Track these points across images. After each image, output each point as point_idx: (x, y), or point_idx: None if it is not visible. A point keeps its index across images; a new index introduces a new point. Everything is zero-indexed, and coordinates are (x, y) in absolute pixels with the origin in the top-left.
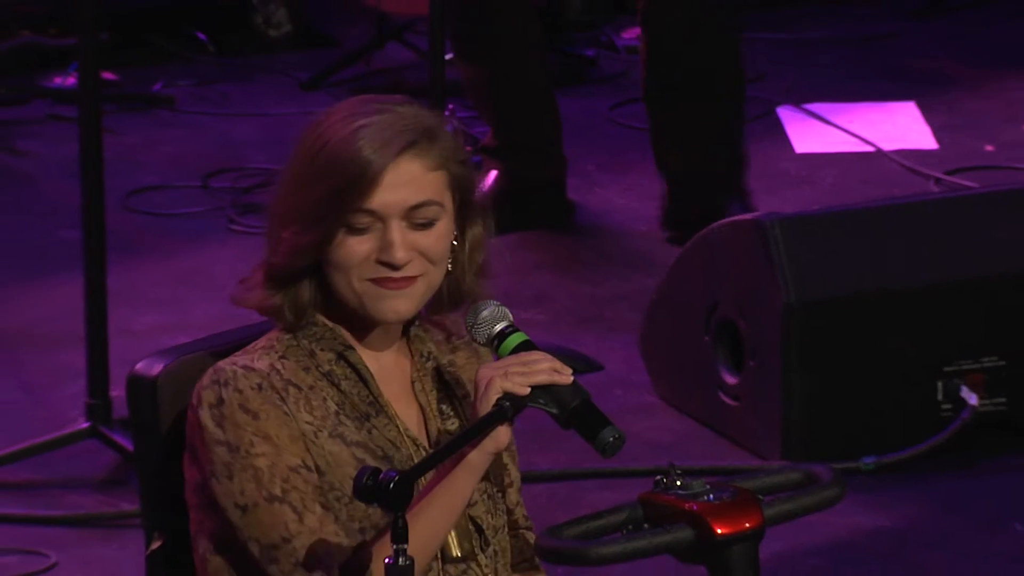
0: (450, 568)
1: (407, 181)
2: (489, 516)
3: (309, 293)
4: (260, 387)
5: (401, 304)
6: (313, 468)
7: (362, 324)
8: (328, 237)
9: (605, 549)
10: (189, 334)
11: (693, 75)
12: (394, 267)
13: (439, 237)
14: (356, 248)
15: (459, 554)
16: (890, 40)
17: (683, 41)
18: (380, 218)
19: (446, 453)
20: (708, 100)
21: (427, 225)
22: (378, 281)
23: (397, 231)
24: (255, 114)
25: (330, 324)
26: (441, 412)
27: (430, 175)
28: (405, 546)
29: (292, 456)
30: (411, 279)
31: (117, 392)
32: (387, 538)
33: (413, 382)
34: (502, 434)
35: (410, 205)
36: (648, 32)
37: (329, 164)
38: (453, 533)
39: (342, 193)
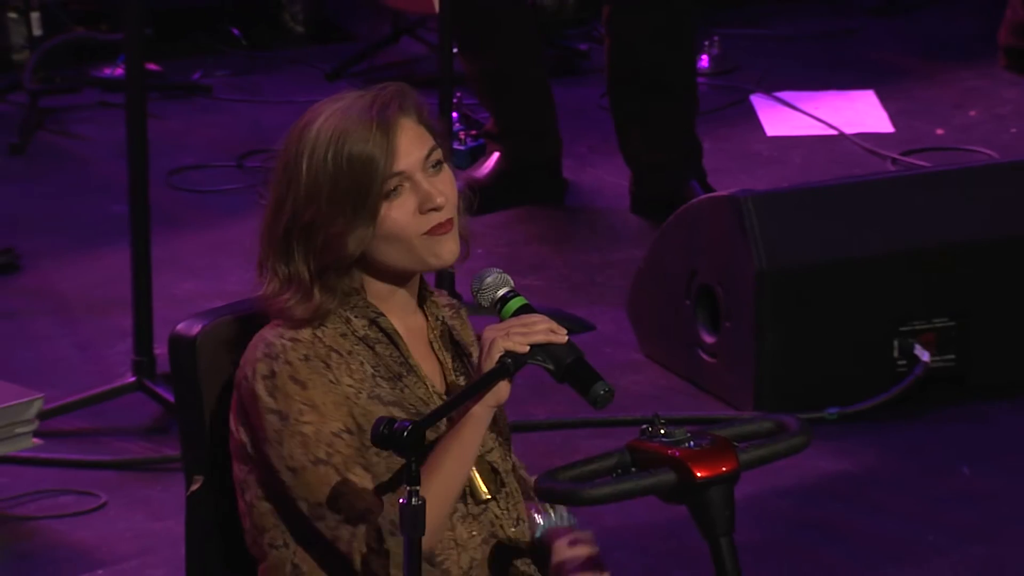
0: (475, 509)
1: (412, 137)
2: (502, 461)
3: (358, 278)
4: (307, 358)
5: (452, 244)
6: (355, 431)
7: (388, 293)
8: (375, 213)
9: (596, 491)
10: (224, 298)
11: (651, 73)
12: (438, 209)
13: (450, 179)
14: (400, 212)
15: (487, 495)
16: (852, 35)
17: (643, 43)
18: (407, 177)
19: (453, 405)
20: (665, 94)
21: (438, 167)
22: (431, 231)
23: (424, 181)
24: (283, 102)
25: (354, 295)
26: (454, 369)
27: (420, 127)
28: (417, 488)
29: (335, 422)
30: (451, 220)
31: (160, 350)
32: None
33: (431, 342)
34: (503, 388)
35: (424, 155)
36: (612, 34)
37: (349, 155)
38: (480, 478)
39: (373, 171)
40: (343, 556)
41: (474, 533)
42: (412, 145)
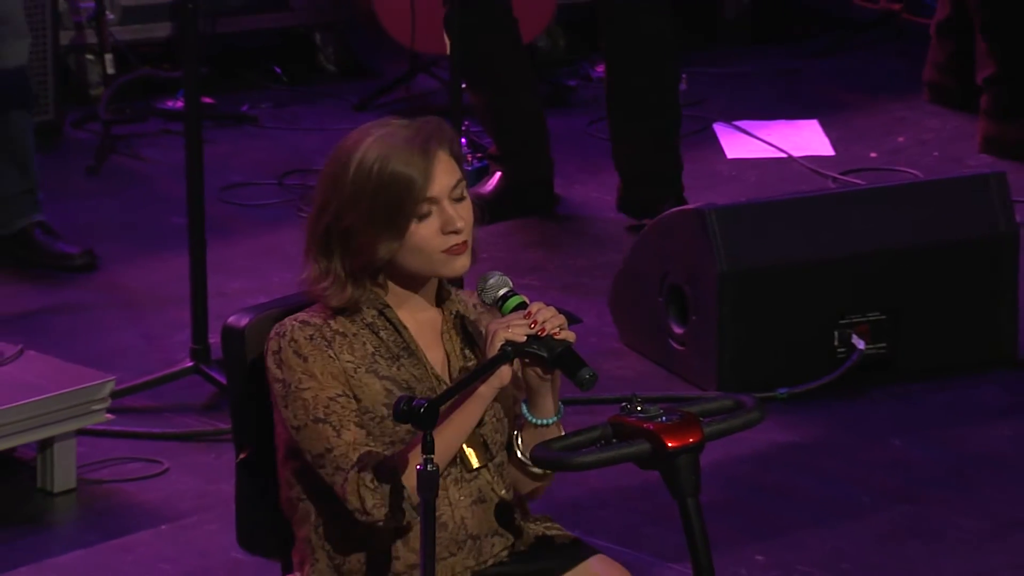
0: (467, 475)
1: (444, 169)
2: (496, 434)
3: (382, 276)
4: (311, 337)
5: (465, 260)
6: (352, 397)
7: (405, 291)
8: (405, 229)
9: (583, 458)
10: (267, 295)
11: (642, 98)
12: (457, 232)
13: (469, 207)
14: (426, 231)
15: (477, 465)
16: (799, 74)
17: (636, 74)
18: (436, 201)
19: (462, 386)
20: (654, 117)
21: (461, 198)
22: (449, 250)
23: (450, 207)
24: (317, 129)
25: (375, 290)
26: (464, 355)
27: (452, 160)
28: (432, 455)
29: (332, 389)
30: (466, 242)
31: (214, 339)
32: (416, 449)
33: (442, 333)
34: (504, 372)
35: (452, 184)
36: (609, 66)
37: (392, 173)
38: (471, 449)
39: (410, 191)
40: (339, 498)
41: (464, 496)
42: (444, 175)
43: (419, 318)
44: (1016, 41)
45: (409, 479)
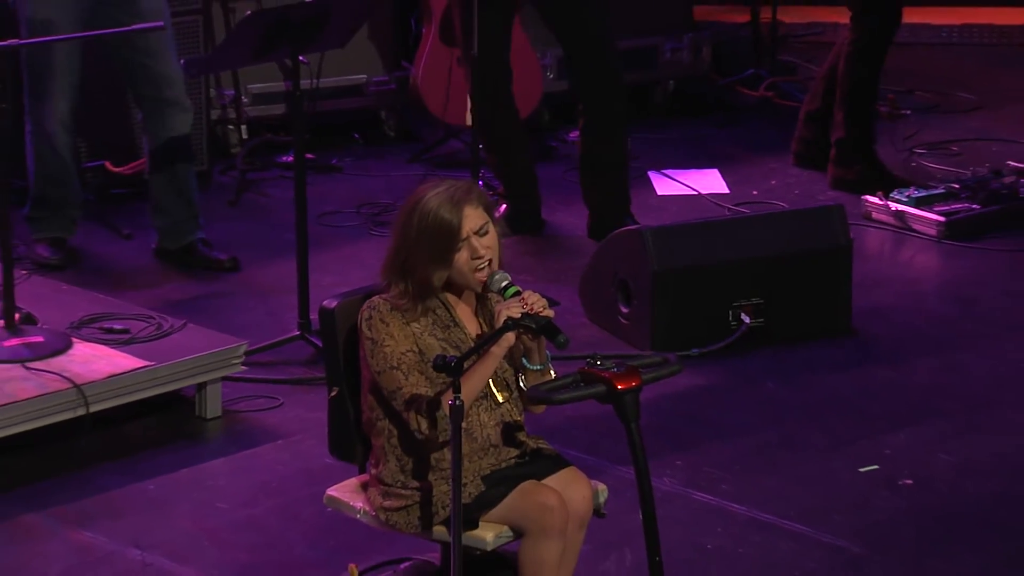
0: (493, 405)
1: (472, 216)
2: (514, 379)
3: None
4: (391, 309)
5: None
6: (418, 352)
7: (455, 291)
8: (450, 262)
9: (561, 395)
10: (348, 287)
11: (603, 157)
12: (481, 258)
13: (493, 239)
14: (461, 260)
15: (501, 400)
16: (705, 138)
17: (599, 141)
18: (467, 240)
19: (479, 348)
20: (611, 169)
21: (486, 233)
22: (477, 271)
23: (476, 242)
24: (382, 175)
25: (437, 289)
26: (490, 327)
27: (479, 209)
28: (460, 395)
29: (404, 346)
30: (490, 264)
31: (314, 316)
32: (450, 391)
33: (476, 313)
34: (508, 337)
35: (478, 227)
36: (582, 129)
37: (438, 225)
38: (495, 388)
39: (451, 235)
40: (406, 423)
41: (490, 420)
42: (471, 221)
43: (462, 304)
44: (858, 115)
45: (445, 410)
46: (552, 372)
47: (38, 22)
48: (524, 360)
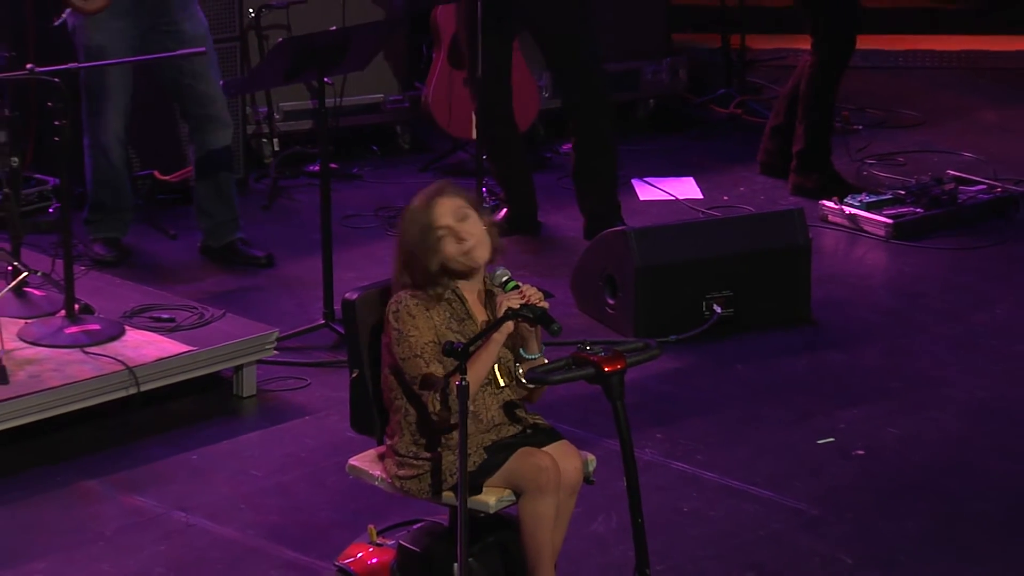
0: (496, 389)
1: (445, 205)
2: (514, 365)
3: (447, 279)
4: (416, 303)
5: (479, 251)
6: (438, 342)
7: (462, 279)
8: (437, 250)
9: (555, 376)
10: (367, 281)
11: (595, 163)
12: (465, 239)
13: (476, 223)
14: (449, 245)
15: (503, 384)
16: (681, 151)
17: (590, 155)
18: (447, 227)
19: (483, 335)
20: (603, 176)
21: (466, 218)
22: (465, 251)
23: (457, 226)
24: (397, 182)
25: (448, 280)
26: (496, 317)
27: (455, 200)
28: (466, 377)
29: (427, 336)
30: (475, 243)
31: (337, 307)
32: (457, 374)
33: (484, 305)
34: (508, 326)
35: (453, 212)
36: (574, 143)
37: (416, 222)
38: (499, 373)
39: (430, 230)
40: (424, 405)
41: (493, 402)
42: (446, 212)
43: (471, 296)
44: (816, 129)
45: (453, 391)
46: (544, 359)
47: (94, 48)
48: (521, 351)
